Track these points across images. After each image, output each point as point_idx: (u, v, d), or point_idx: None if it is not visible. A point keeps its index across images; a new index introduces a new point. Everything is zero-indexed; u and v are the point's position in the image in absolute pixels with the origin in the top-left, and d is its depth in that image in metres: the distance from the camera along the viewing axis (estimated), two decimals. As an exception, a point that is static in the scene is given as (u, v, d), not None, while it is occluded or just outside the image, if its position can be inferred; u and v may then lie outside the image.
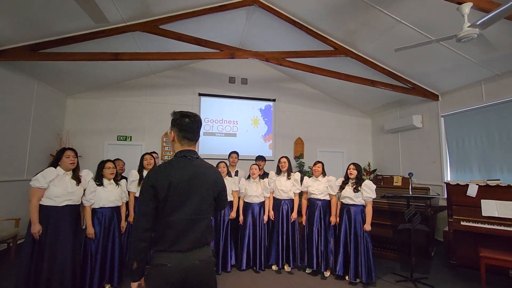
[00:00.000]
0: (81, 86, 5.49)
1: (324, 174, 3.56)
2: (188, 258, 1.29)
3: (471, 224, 3.36)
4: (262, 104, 6.70)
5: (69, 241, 2.50)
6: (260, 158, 4.35)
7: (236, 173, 4.09)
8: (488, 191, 3.43)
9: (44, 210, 2.43)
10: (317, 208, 3.44)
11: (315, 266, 3.36)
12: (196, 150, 1.48)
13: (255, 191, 3.60)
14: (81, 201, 2.68)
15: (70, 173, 2.61)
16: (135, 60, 4.31)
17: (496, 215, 3.25)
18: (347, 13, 3.97)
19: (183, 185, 1.34)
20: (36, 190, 2.41)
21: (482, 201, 3.40)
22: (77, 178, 2.63)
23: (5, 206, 4.01)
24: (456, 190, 3.67)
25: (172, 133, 1.44)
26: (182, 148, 1.43)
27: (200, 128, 1.48)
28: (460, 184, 3.66)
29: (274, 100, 6.75)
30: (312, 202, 3.52)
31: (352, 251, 3.15)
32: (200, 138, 1.54)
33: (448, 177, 4.94)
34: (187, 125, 1.41)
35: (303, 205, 3.61)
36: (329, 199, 3.47)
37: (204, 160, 1.52)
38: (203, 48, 4.46)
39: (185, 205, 1.33)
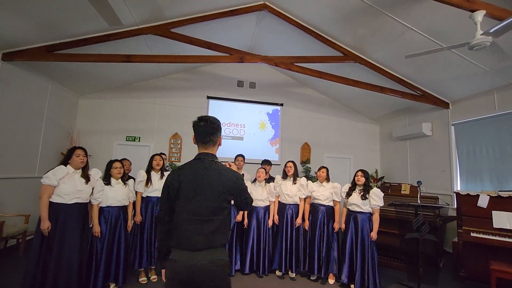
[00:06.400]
0: (93, 87, 5.62)
1: (328, 179, 3.54)
2: (196, 257, 1.31)
3: (481, 235, 3.27)
4: (270, 108, 6.72)
5: (76, 238, 2.54)
6: (266, 162, 4.34)
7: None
8: (500, 202, 3.34)
9: (53, 207, 2.47)
10: (321, 213, 3.42)
11: (316, 271, 3.32)
12: (213, 153, 1.48)
13: (260, 195, 3.59)
14: (89, 200, 2.73)
15: (79, 172, 2.66)
16: (146, 62, 4.40)
17: (508, 227, 3.15)
18: (357, 19, 3.96)
19: (191, 185, 1.38)
20: (47, 187, 2.46)
21: (494, 212, 3.31)
22: (86, 176, 2.67)
23: (16, 202, 4.10)
24: (466, 200, 3.59)
25: (193, 137, 1.51)
26: (199, 151, 1.49)
27: (215, 132, 1.47)
28: (471, 194, 3.57)
29: (281, 105, 6.76)
30: (315, 207, 3.49)
31: (358, 259, 3.10)
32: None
33: (458, 187, 4.83)
34: (200, 128, 1.46)
35: (306, 210, 3.58)
36: (332, 205, 3.45)
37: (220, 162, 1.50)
38: (213, 51, 4.52)
39: (193, 205, 1.37)
